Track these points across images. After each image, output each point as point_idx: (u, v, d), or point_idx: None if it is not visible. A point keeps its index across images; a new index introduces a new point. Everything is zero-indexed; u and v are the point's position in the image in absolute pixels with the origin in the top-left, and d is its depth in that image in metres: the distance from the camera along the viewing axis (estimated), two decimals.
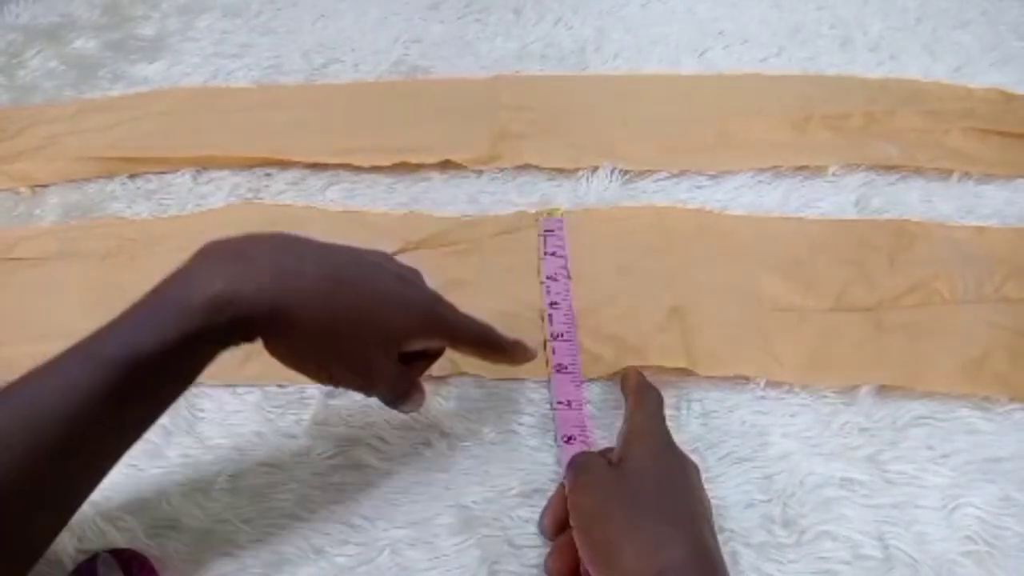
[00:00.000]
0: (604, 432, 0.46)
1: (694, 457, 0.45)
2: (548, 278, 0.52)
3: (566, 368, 0.48)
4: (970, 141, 0.60)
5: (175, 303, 0.35)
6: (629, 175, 0.59)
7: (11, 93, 0.66)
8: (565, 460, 0.45)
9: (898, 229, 0.55)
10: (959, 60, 0.67)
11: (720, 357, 0.49)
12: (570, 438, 0.45)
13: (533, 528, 0.43)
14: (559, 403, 0.47)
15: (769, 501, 0.44)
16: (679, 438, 0.46)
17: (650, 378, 0.48)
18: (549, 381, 0.48)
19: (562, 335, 0.49)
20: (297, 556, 0.42)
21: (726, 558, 0.38)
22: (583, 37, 0.69)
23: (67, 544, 0.42)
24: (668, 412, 0.47)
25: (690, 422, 0.47)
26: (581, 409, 0.46)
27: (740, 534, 0.43)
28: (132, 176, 0.60)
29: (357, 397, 0.48)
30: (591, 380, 0.48)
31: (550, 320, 0.50)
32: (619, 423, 0.46)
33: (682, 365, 0.48)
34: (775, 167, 0.59)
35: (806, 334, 0.50)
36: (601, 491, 0.37)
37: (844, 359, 0.49)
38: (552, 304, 0.51)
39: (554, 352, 0.49)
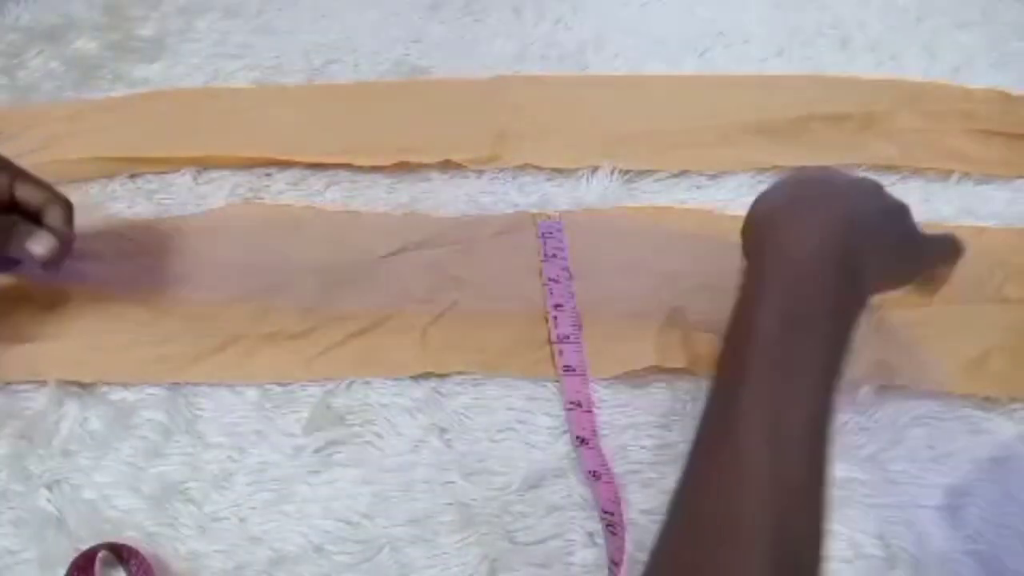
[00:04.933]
0: (610, 431, 0.46)
1: None
2: (551, 280, 0.52)
3: (574, 369, 0.48)
4: (970, 142, 0.60)
5: None
6: (629, 175, 0.59)
7: (11, 93, 0.66)
8: (583, 463, 0.45)
9: None
10: (959, 60, 0.67)
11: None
12: (583, 440, 0.45)
13: (534, 525, 0.43)
14: (571, 404, 0.47)
15: None
16: (679, 438, 0.46)
17: (651, 378, 0.48)
18: (559, 383, 0.48)
19: (568, 337, 0.49)
20: (297, 554, 0.42)
21: None
22: (583, 37, 0.69)
23: (65, 540, 0.42)
24: (668, 411, 0.47)
25: (690, 422, 0.47)
26: (591, 410, 0.46)
27: None
28: (132, 176, 0.60)
29: (358, 396, 0.48)
30: (594, 381, 0.48)
31: (555, 322, 0.50)
32: (626, 423, 0.46)
33: (682, 366, 0.48)
34: (775, 167, 0.59)
35: None
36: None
37: None
38: (556, 306, 0.51)
39: (561, 354, 0.49)
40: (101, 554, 0.41)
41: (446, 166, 0.60)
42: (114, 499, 0.44)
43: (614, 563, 0.41)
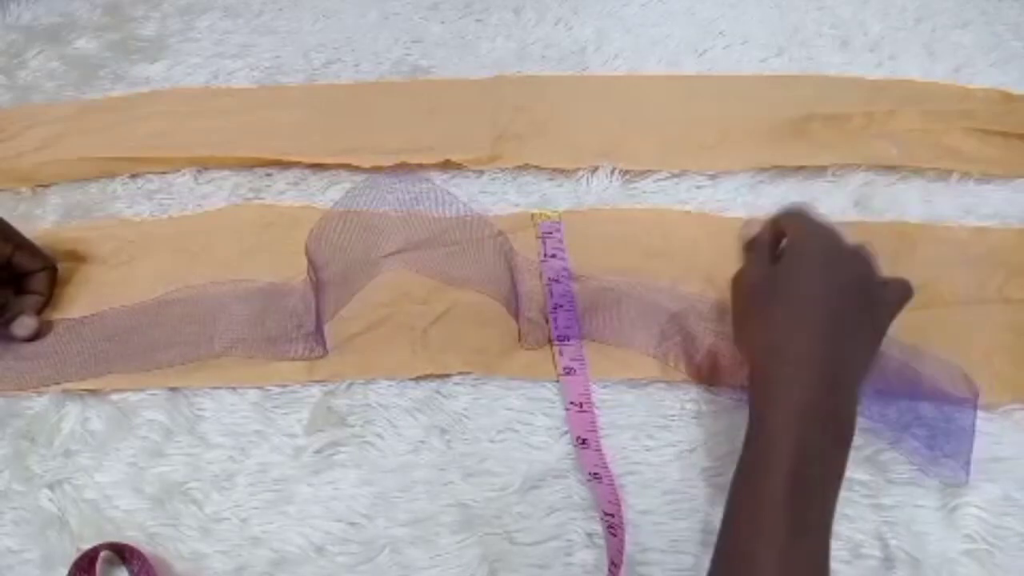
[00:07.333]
0: (610, 431, 0.46)
1: (693, 457, 0.46)
2: (550, 280, 0.52)
3: (574, 370, 0.48)
4: (970, 141, 0.60)
5: None
6: (629, 175, 0.59)
7: (12, 93, 0.66)
8: (583, 463, 0.45)
9: (900, 231, 0.55)
10: (959, 60, 0.67)
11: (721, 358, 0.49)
12: (583, 440, 0.45)
13: (533, 526, 0.43)
14: (571, 404, 0.47)
15: None
16: (679, 438, 0.46)
17: (652, 378, 0.48)
18: (559, 383, 0.48)
19: (568, 337, 0.49)
20: (297, 555, 0.42)
21: None
22: (583, 37, 0.69)
23: (67, 540, 0.43)
24: (667, 412, 0.47)
25: (689, 422, 0.47)
26: (591, 411, 0.46)
27: None
28: (133, 176, 0.60)
29: (358, 396, 0.48)
30: (594, 382, 0.48)
31: (555, 323, 0.50)
32: (626, 423, 0.47)
33: (684, 374, 0.48)
34: (775, 167, 0.59)
35: None
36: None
37: None
38: (556, 307, 0.51)
39: (561, 354, 0.49)
40: (103, 554, 0.42)
41: (446, 166, 0.60)
42: (116, 499, 0.44)
43: (614, 564, 0.41)
